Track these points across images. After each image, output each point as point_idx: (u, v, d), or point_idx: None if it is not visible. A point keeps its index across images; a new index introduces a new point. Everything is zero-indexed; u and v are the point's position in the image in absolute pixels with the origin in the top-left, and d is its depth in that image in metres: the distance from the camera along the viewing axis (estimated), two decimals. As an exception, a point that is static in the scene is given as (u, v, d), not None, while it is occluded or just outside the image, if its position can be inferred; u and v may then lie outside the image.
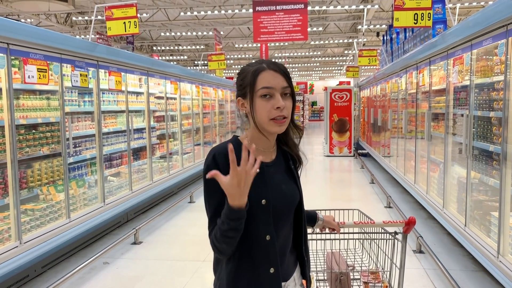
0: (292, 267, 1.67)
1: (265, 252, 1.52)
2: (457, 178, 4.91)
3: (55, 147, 4.69)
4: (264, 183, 1.54)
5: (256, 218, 1.50)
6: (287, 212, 1.60)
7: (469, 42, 4.12)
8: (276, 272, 1.53)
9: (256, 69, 1.54)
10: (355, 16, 20.60)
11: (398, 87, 8.02)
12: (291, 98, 1.56)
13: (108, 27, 5.30)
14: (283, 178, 1.62)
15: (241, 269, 1.54)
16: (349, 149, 13.61)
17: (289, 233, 1.64)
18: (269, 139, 1.61)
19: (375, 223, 2.12)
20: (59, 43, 4.34)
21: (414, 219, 2.07)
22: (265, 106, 1.51)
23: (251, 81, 1.53)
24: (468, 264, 4.57)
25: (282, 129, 1.55)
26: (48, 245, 4.19)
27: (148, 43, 26.15)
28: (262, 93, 1.51)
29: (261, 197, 1.51)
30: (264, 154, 1.61)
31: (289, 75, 1.57)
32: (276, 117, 1.51)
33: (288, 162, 1.68)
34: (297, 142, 1.72)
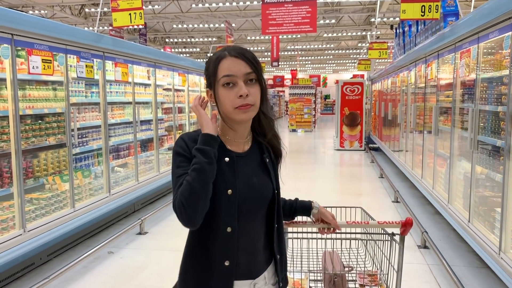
0: (264, 265, 1.60)
1: (222, 244, 1.48)
2: (463, 173, 4.84)
3: (61, 138, 4.74)
4: (232, 173, 1.49)
5: (220, 207, 1.46)
6: (256, 205, 1.53)
7: (476, 34, 4.04)
8: (231, 265, 1.48)
9: (217, 57, 1.48)
10: (369, 8, 20.35)
11: (408, 80, 7.92)
12: (257, 84, 1.48)
13: (114, 18, 5.31)
14: (255, 171, 1.56)
15: (195, 257, 1.51)
16: (359, 143, 13.51)
17: (259, 228, 1.57)
18: (238, 130, 1.54)
19: (370, 224, 2.02)
20: (64, 34, 4.36)
21: (411, 220, 1.96)
22: (228, 95, 1.44)
23: (213, 70, 1.48)
24: (472, 260, 4.51)
25: (249, 115, 1.48)
26: (52, 234, 4.25)
27: (162, 35, 26.23)
28: (224, 82, 1.45)
29: (227, 187, 1.46)
30: (235, 145, 1.56)
31: (254, 60, 1.48)
32: (240, 106, 1.44)
33: (263, 154, 1.61)
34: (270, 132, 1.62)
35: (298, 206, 1.86)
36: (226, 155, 1.51)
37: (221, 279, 1.49)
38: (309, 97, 21.95)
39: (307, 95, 22.80)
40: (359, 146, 13.51)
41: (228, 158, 1.51)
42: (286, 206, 1.85)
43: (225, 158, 1.50)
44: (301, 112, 20.57)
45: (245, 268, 1.53)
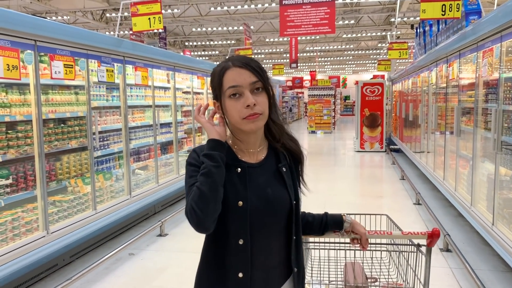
0: (281, 280, 1.56)
1: (235, 256, 1.45)
2: (486, 174, 4.74)
3: (83, 141, 4.83)
4: (244, 184, 1.46)
5: (231, 220, 1.44)
6: (271, 218, 1.49)
7: (499, 33, 3.95)
8: (245, 277, 1.45)
9: (221, 68, 1.47)
10: (389, 8, 20.13)
11: (429, 80, 7.80)
12: (264, 92, 1.46)
13: (134, 23, 5.39)
14: (269, 181, 1.51)
15: (210, 267, 1.50)
16: (380, 145, 13.36)
17: (276, 242, 1.53)
18: (248, 141, 1.53)
19: (393, 234, 1.91)
20: (85, 39, 4.45)
21: (438, 231, 1.85)
22: (235, 106, 1.43)
23: (218, 82, 1.47)
24: (497, 264, 4.41)
25: (258, 124, 1.46)
26: (75, 236, 4.33)
27: (181, 39, 26.49)
28: (230, 93, 1.43)
29: (238, 198, 1.44)
30: (248, 155, 1.53)
31: (259, 68, 1.47)
32: (248, 116, 1.43)
33: (279, 163, 1.56)
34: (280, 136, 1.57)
35: (329, 220, 1.80)
36: (238, 166, 1.50)
37: None
38: (329, 98, 21.80)
39: (327, 96, 22.67)
40: (380, 148, 13.35)
41: (240, 169, 1.49)
42: (315, 221, 1.79)
43: (237, 169, 1.49)
44: (321, 114, 20.43)
45: (260, 282, 1.50)
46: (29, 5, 16.85)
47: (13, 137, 3.90)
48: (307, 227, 1.79)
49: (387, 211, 6.70)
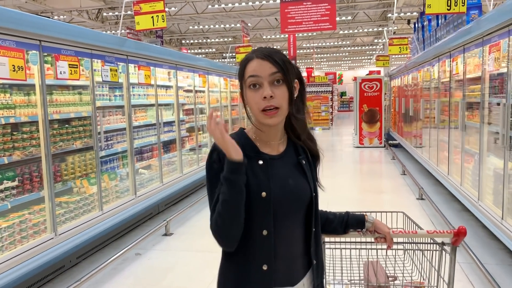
0: (302, 270, 1.57)
1: (259, 248, 1.46)
2: (493, 169, 4.74)
3: (87, 141, 4.80)
4: (266, 175, 1.47)
5: (255, 210, 1.44)
6: (293, 208, 1.51)
7: (507, 27, 3.94)
8: (269, 269, 1.46)
9: (245, 59, 1.49)
10: (385, 4, 20.11)
11: (431, 75, 7.79)
12: (284, 86, 1.45)
13: (137, 21, 5.35)
14: (291, 172, 1.53)
15: (233, 262, 1.50)
16: (379, 140, 13.38)
17: (297, 233, 1.54)
18: (269, 133, 1.53)
19: (418, 233, 1.88)
20: (89, 39, 4.41)
21: (465, 229, 1.82)
22: (254, 96, 1.44)
23: (241, 72, 1.49)
24: (504, 258, 4.42)
25: (276, 120, 1.46)
26: (82, 237, 4.31)
27: (177, 37, 26.38)
28: (250, 83, 1.45)
29: (261, 190, 1.44)
30: (269, 147, 1.54)
31: (281, 60, 1.45)
32: (265, 108, 1.43)
33: (299, 156, 1.58)
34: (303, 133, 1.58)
35: (350, 219, 1.80)
36: (259, 158, 1.50)
37: (260, 284, 1.47)
38: (326, 94, 21.80)
39: (324, 92, 22.62)
40: (379, 143, 13.38)
41: (262, 161, 1.50)
42: (336, 219, 1.80)
43: (259, 162, 1.49)
44: (318, 110, 20.46)
45: (284, 275, 1.51)
46: (24, 4, 16.72)
47: (18, 138, 3.87)
48: (328, 224, 1.79)
49: (391, 206, 6.75)
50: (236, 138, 1.49)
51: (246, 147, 1.50)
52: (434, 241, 1.96)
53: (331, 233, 1.83)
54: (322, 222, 1.75)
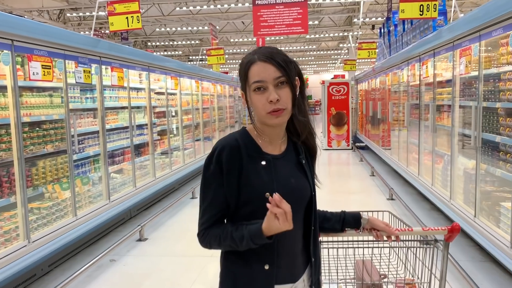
0: (302, 268, 1.60)
1: (261, 248, 1.46)
2: (463, 169, 4.92)
3: (58, 145, 4.64)
4: (270, 176, 1.48)
5: (258, 211, 1.44)
6: (295, 207, 1.49)
7: (478, 32, 4.11)
8: (271, 269, 1.48)
9: (247, 62, 1.49)
10: (349, 9, 20.56)
11: (399, 79, 8.01)
12: (288, 87, 1.47)
13: (111, 22, 5.22)
14: (292, 172, 1.56)
15: (234, 263, 1.52)
16: (347, 142, 13.62)
17: (297, 231, 1.55)
18: (272, 132, 1.54)
19: (414, 231, 1.88)
20: (62, 39, 4.28)
21: (459, 226, 1.85)
22: (260, 100, 1.45)
23: (243, 75, 1.50)
24: (475, 254, 4.58)
25: (282, 120, 1.48)
26: (56, 244, 4.15)
27: (142, 39, 25.98)
28: (255, 87, 1.46)
29: (265, 191, 1.44)
30: (272, 146, 1.56)
31: (284, 62, 1.47)
32: (272, 111, 1.45)
33: (299, 155, 1.61)
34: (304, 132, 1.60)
35: (347, 217, 1.82)
36: (262, 159, 1.51)
37: (262, 284, 1.49)
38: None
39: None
40: (347, 145, 13.62)
41: (265, 162, 1.51)
42: (334, 218, 1.82)
43: (262, 162, 1.50)
44: (286, 113, 20.58)
45: (285, 272, 1.53)
46: (-19, 3, 16.04)
47: (-14, 142, 3.69)
48: (326, 222, 1.81)
49: (362, 207, 6.87)
50: (239, 137, 1.52)
51: (249, 147, 1.51)
52: (426, 238, 1.99)
53: (329, 231, 1.84)
54: (320, 220, 1.77)
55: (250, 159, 1.49)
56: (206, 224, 1.51)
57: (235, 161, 1.47)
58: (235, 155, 1.48)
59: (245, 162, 1.48)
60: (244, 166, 1.48)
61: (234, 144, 1.49)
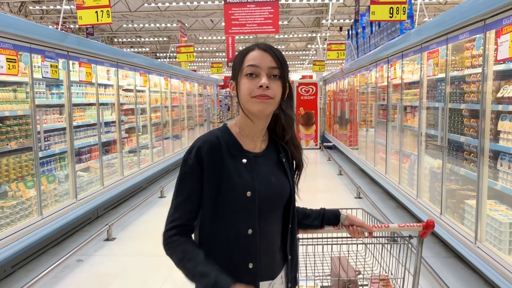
0: (280, 264, 1.60)
1: (245, 247, 1.46)
2: (429, 168, 5.06)
3: (23, 142, 4.47)
4: (251, 174, 1.47)
5: (239, 211, 1.45)
6: (275, 206, 1.53)
7: (445, 36, 4.24)
8: (255, 267, 1.47)
9: (246, 49, 1.50)
10: (317, 11, 20.80)
11: (368, 80, 8.17)
12: (280, 81, 1.46)
13: (79, 16, 5.06)
14: (272, 170, 1.54)
15: (218, 261, 1.47)
16: (315, 142, 13.79)
17: (276, 228, 1.56)
18: (257, 125, 1.52)
19: (390, 227, 1.90)
20: (29, 32, 4.12)
21: (433, 222, 1.88)
22: (249, 84, 1.43)
23: (239, 61, 1.48)
24: (440, 251, 4.73)
25: (265, 107, 1.44)
26: (20, 244, 4.01)
27: (108, 35, 25.41)
28: (247, 71, 1.44)
29: (246, 189, 1.44)
30: (252, 143, 1.54)
31: (281, 57, 1.47)
32: (258, 96, 1.42)
33: (280, 153, 1.59)
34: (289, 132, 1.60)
35: (327, 213, 1.83)
36: (243, 157, 1.50)
37: (247, 282, 1.46)
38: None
39: (259, 95, 22.85)
40: (315, 145, 13.78)
41: (246, 160, 1.49)
42: (313, 214, 1.82)
43: (243, 160, 1.49)
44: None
45: (266, 270, 1.53)
46: None
47: None
48: (306, 218, 1.81)
49: (330, 205, 6.88)
50: (220, 135, 1.50)
51: (229, 145, 1.50)
52: (400, 234, 2.02)
53: (308, 227, 1.84)
54: (300, 217, 1.78)
55: (231, 157, 1.47)
56: (176, 222, 1.47)
57: (215, 159, 1.45)
58: (215, 153, 1.46)
59: (226, 160, 1.46)
60: (224, 164, 1.46)
61: (215, 142, 1.47)
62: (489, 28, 3.44)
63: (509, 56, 3.09)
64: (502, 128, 3.53)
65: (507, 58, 3.16)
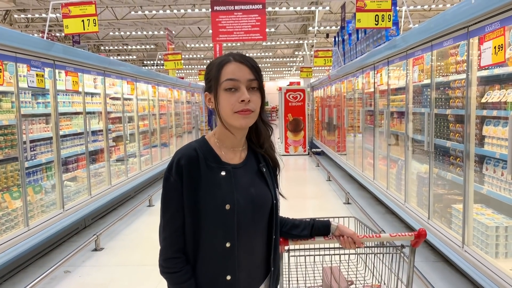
0: (262, 277, 1.58)
1: (222, 260, 1.45)
2: (416, 173, 5.11)
3: (8, 152, 4.41)
4: (230, 186, 1.46)
5: (217, 224, 1.44)
6: (255, 217, 1.51)
7: (430, 42, 4.30)
8: (233, 279, 1.46)
9: (221, 61, 1.47)
10: (304, 18, 20.96)
11: (354, 86, 8.23)
12: (258, 92, 1.47)
13: (65, 25, 5.03)
14: (252, 181, 1.53)
15: (196, 272, 1.48)
16: (303, 148, 13.83)
17: (259, 240, 1.55)
18: (237, 136, 1.52)
19: (382, 237, 1.90)
20: (14, 41, 4.08)
21: (425, 231, 1.89)
22: (229, 99, 1.43)
23: (216, 74, 1.46)
24: (428, 255, 4.76)
25: (248, 122, 1.46)
26: (5, 256, 3.94)
27: (94, 43, 25.28)
28: (226, 86, 1.43)
29: (225, 202, 1.43)
30: (233, 154, 1.54)
31: (258, 69, 1.49)
32: (240, 111, 1.43)
33: (260, 163, 1.58)
34: (267, 141, 1.60)
35: (317, 224, 1.82)
36: (222, 169, 1.49)
37: None
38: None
39: (247, 102, 22.86)
40: (303, 151, 13.83)
41: (225, 172, 1.48)
42: (303, 224, 1.81)
43: (221, 172, 1.48)
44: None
45: (245, 281, 1.51)
46: None
47: None
48: (294, 229, 1.80)
49: (320, 211, 6.99)
50: (198, 147, 1.49)
51: (207, 157, 1.49)
52: (392, 244, 2.01)
53: (297, 237, 1.82)
54: (287, 227, 1.78)
55: (209, 170, 1.46)
56: (168, 240, 1.48)
57: (194, 172, 1.44)
58: (193, 166, 1.45)
59: (204, 173, 1.45)
60: (203, 177, 1.45)
61: (193, 155, 1.46)
62: (473, 35, 3.51)
63: (492, 62, 3.15)
64: (487, 133, 3.59)
65: (490, 64, 3.22)
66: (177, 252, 1.47)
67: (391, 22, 5.51)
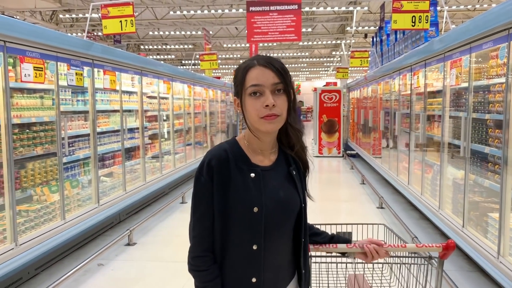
0: (288, 280, 1.57)
1: (249, 262, 1.46)
2: (452, 179, 4.96)
3: (48, 147, 4.60)
4: (258, 189, 1.46)
5: (245, 226, 1.44)
6: (283, 220, 1.50)
7: (468, 45, 4.17)
8: (258, 282, 1.46)
9: (246, 66, 1.47)
10: (342, 18, 20.71)
11: (391, 88, 8.07)
12: (285, 95, 1.46)
13: (104, 25, 5.20)
14: (281, 184, 1.52)
15: (222, 273, 1.49)
16: (338, 150, 13.66)
17: (286, 243, 1.54)
18: (264, 140, 1.51)
19: (407, 247, 1.82)
20: (55, 41, 4.26)
21: (454, 243, 1.80)
22: (254, 104, 1.42)
23: (241, 79, 1.47)
24: (463, 264, 4.61)
25: (274, 126, 1.45)
26: (43, 247, 4.11)
27: (135, 42, 25.91)
28: (251, 91, 1.43)
29: (253, 205, 1.43)
30: (262, 156, 1.53)
31: (283, 70, 1.46)
32: (266, 116, 1.42)
33: (290, 166, 1.57)
34: (298, 144, 1.58)
35: (338, 239, 1.80)
36: (251, 171, 1.49)
37: None
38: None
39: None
40: (338, 153, 13.65)
41: (254, 174, 1.48)
42: (322, 235, 1.81)
43: (251, 174, 1.48)
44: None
45: (270, 284, 1.51)
46: (-28, 3, 15.92)
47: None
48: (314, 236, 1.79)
49: (352, 215, 6.89)
50: (228, 148, 1.50)
51: (237, 158, 1.49)
52: (420, 255, 1.95)
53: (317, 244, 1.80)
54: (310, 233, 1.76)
55: (239, 171, 1.47)
56: (197, 238, 1.50)
57: (224, 173, 1.45)
58: (223, 167, 1.46)
59: (234, 174, 1.46)
60: (232, 178, 1.45)
61: (223, 156, 1.47)
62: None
63: (534, 66, 3.01)
64: (527, 140, 3.44)
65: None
66: (205, 251, 1.48)
67: (428, 23, 5.36)
